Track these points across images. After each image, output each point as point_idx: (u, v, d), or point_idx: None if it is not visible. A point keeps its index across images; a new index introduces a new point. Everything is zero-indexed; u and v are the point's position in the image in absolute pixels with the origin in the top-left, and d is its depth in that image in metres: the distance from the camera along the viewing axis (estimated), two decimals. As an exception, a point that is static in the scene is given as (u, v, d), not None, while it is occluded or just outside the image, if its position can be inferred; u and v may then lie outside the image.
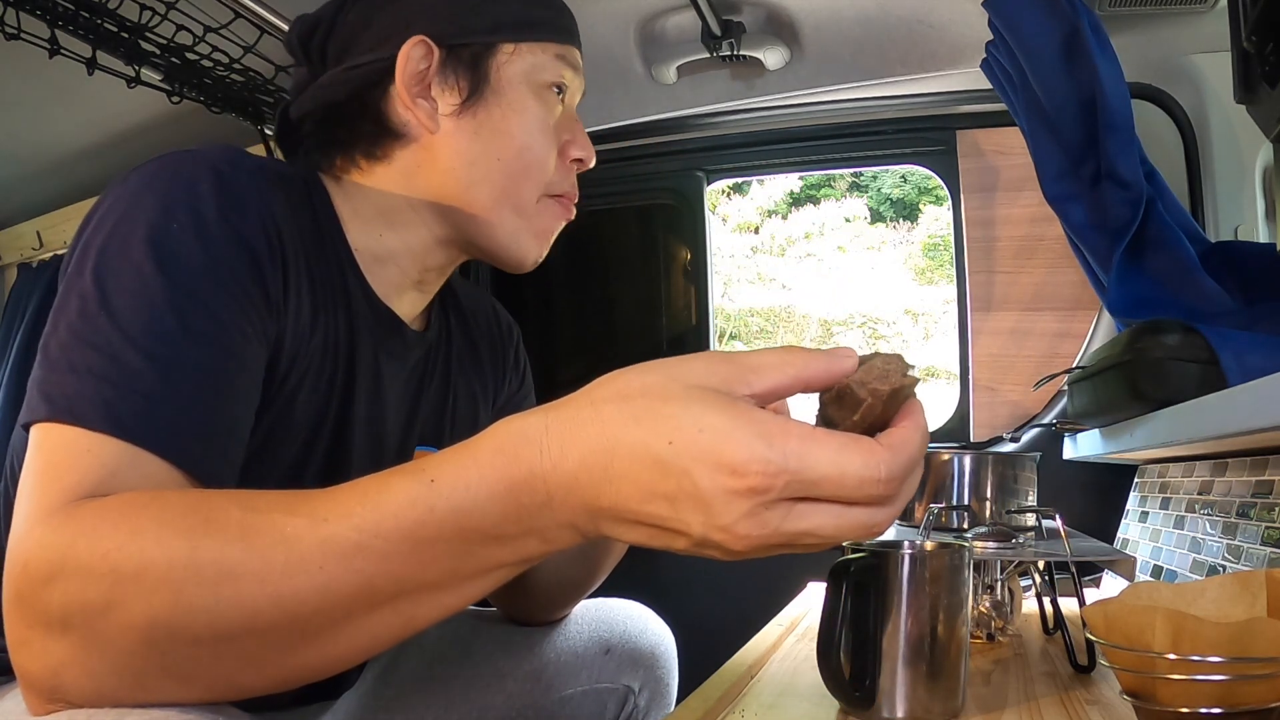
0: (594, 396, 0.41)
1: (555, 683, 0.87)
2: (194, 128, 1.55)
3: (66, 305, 0.53)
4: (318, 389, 0.66)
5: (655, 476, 0.38)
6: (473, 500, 0.41)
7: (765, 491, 0.37)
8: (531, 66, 0.71)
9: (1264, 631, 0.46)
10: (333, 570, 0.41)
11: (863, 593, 0.58)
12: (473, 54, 0.70)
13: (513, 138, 0.70)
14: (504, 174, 0.70)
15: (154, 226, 0.54)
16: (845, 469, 0.38)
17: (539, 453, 0.40)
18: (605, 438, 0.39)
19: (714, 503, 0.37)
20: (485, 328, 0.87)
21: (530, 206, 0.72)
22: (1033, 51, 1.11)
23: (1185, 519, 1.01)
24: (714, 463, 0.37)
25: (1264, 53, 0.74)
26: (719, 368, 0.40)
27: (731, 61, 1.43)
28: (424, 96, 0.69)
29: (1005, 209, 1.53)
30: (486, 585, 0.44)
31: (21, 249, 2.29)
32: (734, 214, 8.15)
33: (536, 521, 0.41)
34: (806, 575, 1.19)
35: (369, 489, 0.43)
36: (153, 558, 0.42)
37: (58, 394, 0.49)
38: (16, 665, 0.44)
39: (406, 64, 0.68)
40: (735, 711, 0.61)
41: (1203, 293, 1.03)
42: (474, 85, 0.70)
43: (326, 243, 0.67)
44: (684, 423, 0.38)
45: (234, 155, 0.61)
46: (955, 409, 1.58)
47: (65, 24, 1.17)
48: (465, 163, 0.70)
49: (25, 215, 2.22)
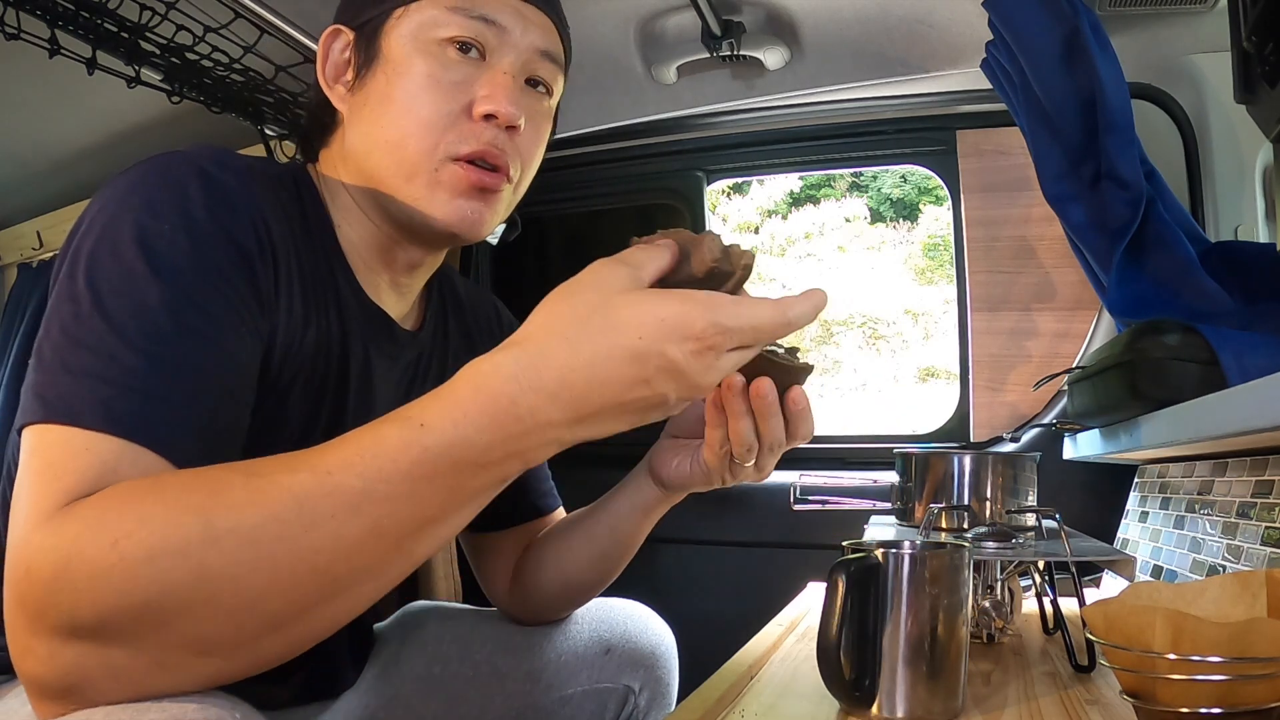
0: (549, 327, 0.48)
1: (555, 682, 0.86)
2: (194, 128, 1.55)
3: (59, 308, 0.52)
4: (310, 387, 0.66)
5: (635, 367, 0.47)
6: (462, 436, 0.46)
7: (717, 346, 0.48)
8: (418, 25, 0.67)
9: (1264, 631, 0.46)
10: (343, 518, 0.44)
11: (863, 593, 0.58)
12: (371, 28, 0.70)
13: (394, 102, 0.67)
14: (391, 142, 0.67)
15: (144, 227, 0.54)
16: (759, 317, 0.49)
17: (518, 385, 0.46)
18: (578, 354, 0.46)
19: (685, 367, 0.47)
20: (486, 327, 0.87)
21: (427, 171, 0.67)
22: (1033, 51, 1.11)
23: (1185, 519, 1.01)
24: (680, 336, 0.47)
25: (1264, 53, 0.74)
26: (621, 271, 0.49)
27: (731, 61, 1.43)
28: (340, 81, 0.71)
29: (1005, 209, 1.53)
30: (473, 511, 0.49)
31: (21, 249, 2.29)
32: (734, 214, 8.15)
33: (520, 444, 0.47)
34: (807, 575, 1.19)
35: (363, 439, 0.46)
36: (166, 538, 0.42)
37: (53, 395, 0.49)
38: (22, 672, 0.44)
39: (327, 53, 0.71)
40: (735, 711, 0.61)
41: (1203, 293, 1.03)
42: (367, 59, 0.70)
43: (316, 240, 0.67)
44: (644, 318, 0.47)
45: (221, 155, 0.61)
46: (955, 409, 1.58)
47: (65, 24, 1.17)
48: (360, 136, 0.69)
49: (25, 215, 2.22)
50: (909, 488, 0.96)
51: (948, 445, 1.52)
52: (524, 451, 0.48)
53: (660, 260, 0.51)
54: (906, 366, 7.60)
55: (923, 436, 1.63)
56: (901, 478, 0.97)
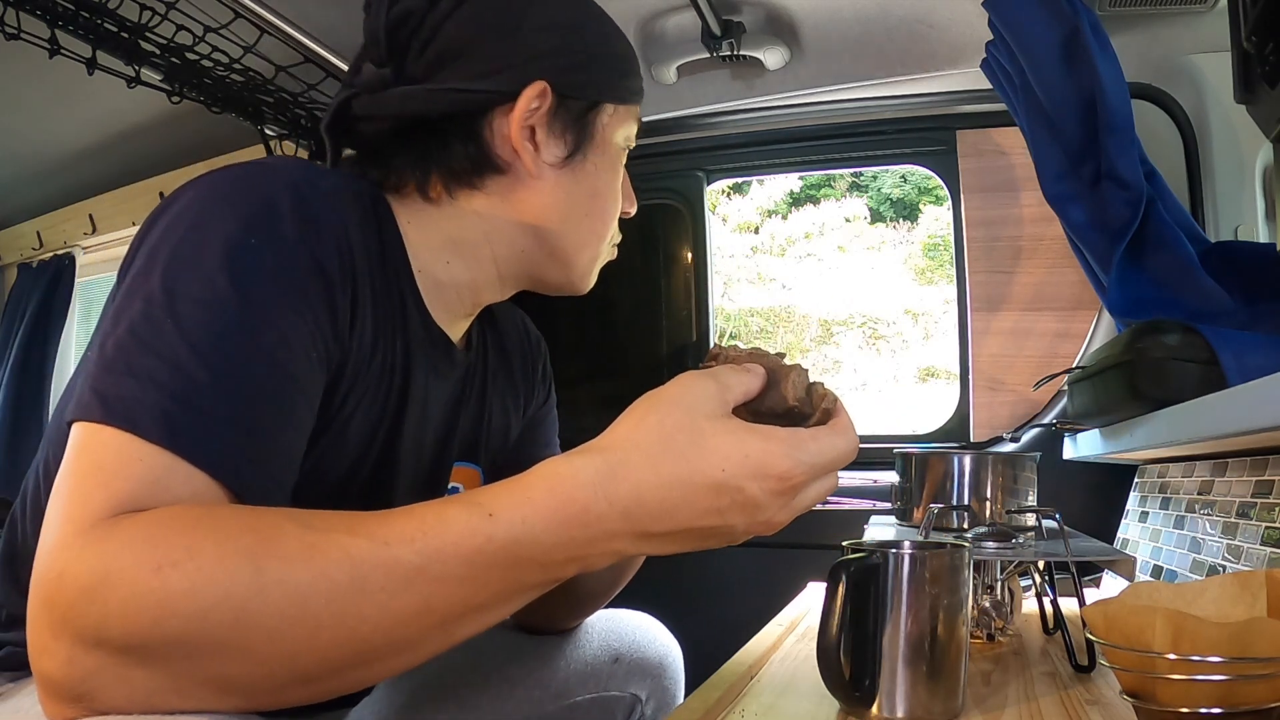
0: (633, 439, 0.48)
1: (564, 690, 0.87)
2: (194, 128, 1.56)
3: (129, 305, 0.51)
4: (371, 412, 0.64)
5: (711, 497, 0.47)
6: (528, 533, 0.46)
7: (800, 486, 0.49)
8: (626, 129, 0.74)
9: (1264, 631, 0.46)
10: (394, 591, 0.44)
11: (863, 593, 0.58)
12: (582, 108, 0.70)
13: (602, 196, 0.73)
14: (590, 228, 0.73)
15: (230, 238, 0.52)
16: (838, 450, 0.51)
17: (593, 493, 0.46)
18: (659, 474, 0.47)
19: (762, 504, 0.48)
20: (517, 342, 0.87)
21: (598, 254, 0.76)
22: (1033, 51, 1.11)
23: (1185, 519, 1.01)
24: (763, 475, 0.48)
25: (1264, 53, 0.74)
26: (711, 390, 0.50)
27: (731, 61, 1.43)
28: (530, 139, 0.68)
29: (1005, 209, 1.53)
30: (520, 604, 0.49)
31: (21, 249, 2.29)
32: (734, 214, 8.15)
33: (583, 550, 0.47)
34: (807, 575, 1.19)
35: (427, 516, 0.46)
36: (211, 576, 0.41)
37: (114, 396, 0.47)
38: (37, 670, 0.43)
39: (527, 104, 0.67)
40: (735, 711, 0.61)
41: (1203, 293, 1.03)
42: (579, 140, 0.70)
43: (390, 265, 0.65)
44: (730, 451, 0.47)
45: (311, 172, 0.59)
46: (955, 409, 1.58)
47: (65, 24, 1.17)
48: (559, 213, 0.71)
49: (25, 215, 2.22)
50: (909, 488, 0.96)
51: (948, 445, 1.52)
52: (585, 557, 0.48)
53: (749, 386, 0.52)
54: (906, 366, 7.59)
55: (923, 436, 1.63)
56: (901, 478, 0.97)
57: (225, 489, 0.48)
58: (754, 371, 0.53)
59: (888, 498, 1.00)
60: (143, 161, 1.81)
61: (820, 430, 0.51)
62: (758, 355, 0.55)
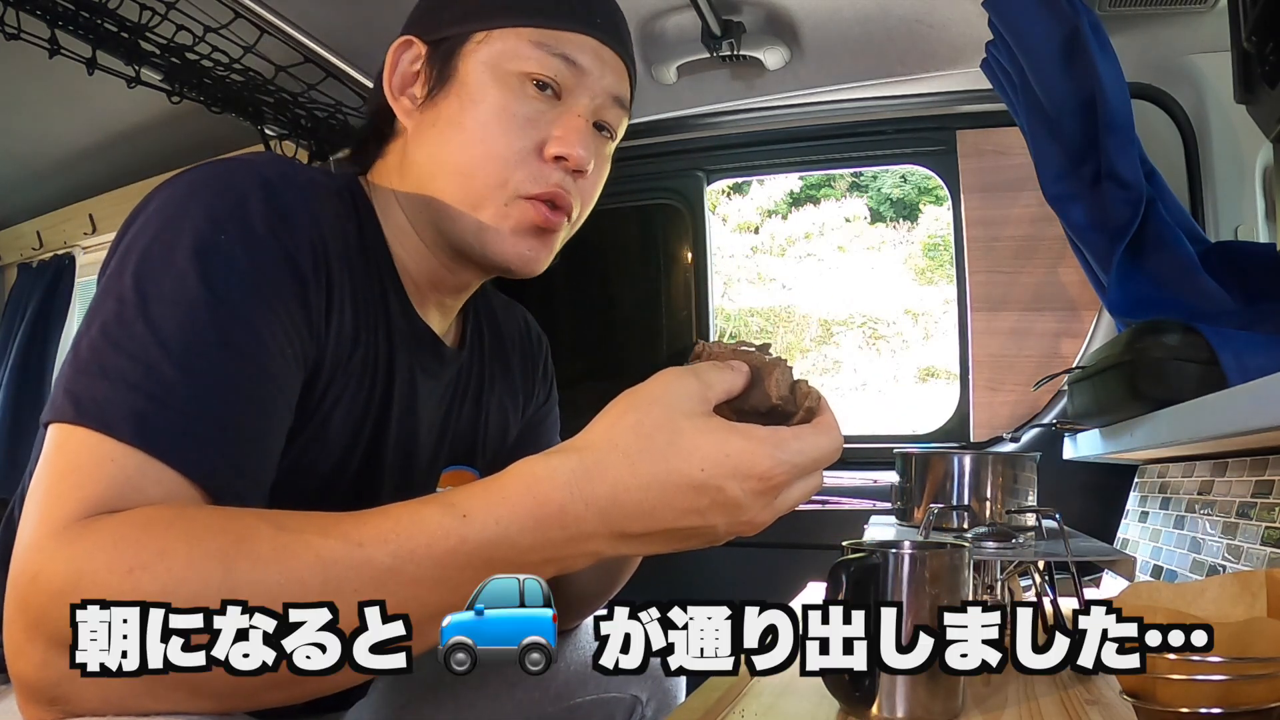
0: (611, 439, 0.47)
1: (564, 691, 0.87)
2: (194, 128, 1.55)
3: (102, 306, 0.51)
4: (354, 407, 0.64)
5: (691, 497, 0.46)
6: (503, 534, 0.45)
7: (782, 485, 0.48)
8: (498, 54, 0.66)
9: (1264, 631, 0.46)
10: (366, 593, 0.43)
11: (863, 592, 0.58)
12: (448, 47, 0.68)
13: (465, 129, 0.65)
14: (460, 169, 0.66)
15: (201, 236, 0.52)
16: (821, 449, 0.49)
17: (569, 493, 0.45)
18: (636, 474, 0.46)
19: (744, 504, 0.47)
20: (518, 340, 0.87)
21: (495, 205, 0.66)
22: (1033, 51, 1.11)
23: (1185, 519, 1.01)
24: (744, 475, 0.46)
25: (1264, 53, 0.74)
26: (691, 387, 0.48)
27: (731, 61, 1.43)
28: (406, 94, 0.69)
29: (1005, 209, 1.53)
30: None
31: (21, 249, 2.29)
32: (734, 214, 8.15)
33: (559, 551, 0.46)
34: (807, 575, 1.19)
35: (401, 517, 0.45)
36: (182, 579, 0.41)
37: (86, 397, 0.47)
38: (13, 672, 0.44)
39: (396, 63, 0.69)
40: (735, 711, 0.61)
41: (1203, 293, 1.03)
42: (440, 78, 0.67)
43: (370, 256, 0.65)
44: (709, 450, 0.46)
45: (284, 167, 0.59)
46: (955, 409, 1.58)
47: (65, 24, 1.18)
48: (425, 156, 0.67)
49: (25, 215, 2.22)
50: (909, 488, 0.96)
51: (948, 445, 1.52)
52: (562, 558, 0.47)
53: (731, 384, 0.50)
54: (906, 366, 7.59)
55: (923, 436, 1.63)
56: (901, 478, 0.97)
57: (199, 488, 0.48)
58: (737, 369, 0.51)
59: (888, 498, 1.00)
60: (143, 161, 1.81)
61: (803, 429, 0.49)
62: (742, 352, 0.54)
